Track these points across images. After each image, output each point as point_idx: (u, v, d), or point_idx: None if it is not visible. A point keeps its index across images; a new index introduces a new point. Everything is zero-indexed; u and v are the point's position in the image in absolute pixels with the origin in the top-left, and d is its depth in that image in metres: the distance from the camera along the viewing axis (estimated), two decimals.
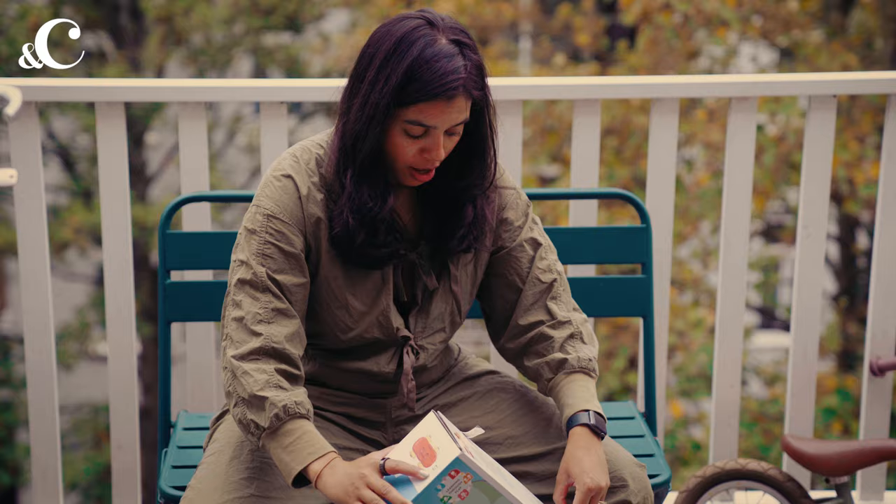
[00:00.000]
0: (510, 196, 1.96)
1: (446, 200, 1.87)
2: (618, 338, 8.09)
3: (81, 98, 2.57)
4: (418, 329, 1.93)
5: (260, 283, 1.80)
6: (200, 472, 1.84)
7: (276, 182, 1.83)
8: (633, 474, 1.87)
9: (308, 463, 1.71)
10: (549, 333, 1.93)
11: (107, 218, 2.54)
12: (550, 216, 7.69)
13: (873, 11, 8.17)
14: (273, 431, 1.74)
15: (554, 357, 1.91)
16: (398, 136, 1.77)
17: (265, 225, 1.81)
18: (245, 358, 1.77)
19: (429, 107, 1.74)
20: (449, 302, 1.93)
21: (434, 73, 1.73)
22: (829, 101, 2.58)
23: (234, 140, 11.12)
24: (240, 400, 1.76)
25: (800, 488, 2.43)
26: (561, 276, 1.98)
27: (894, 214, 2.63)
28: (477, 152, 1.85)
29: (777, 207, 9.02)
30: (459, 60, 1.74)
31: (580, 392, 1.87)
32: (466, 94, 1.76)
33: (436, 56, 1.73)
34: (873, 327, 2.66)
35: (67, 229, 9.67)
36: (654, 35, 8.26)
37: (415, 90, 1.73)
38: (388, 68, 1.74)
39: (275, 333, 1.78)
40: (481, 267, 1.96)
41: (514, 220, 1.95)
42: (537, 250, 1.96)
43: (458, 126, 1.79)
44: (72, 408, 10.50)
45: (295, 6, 10.51)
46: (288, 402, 1.74)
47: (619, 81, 2.72)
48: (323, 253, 1.84)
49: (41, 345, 2.56)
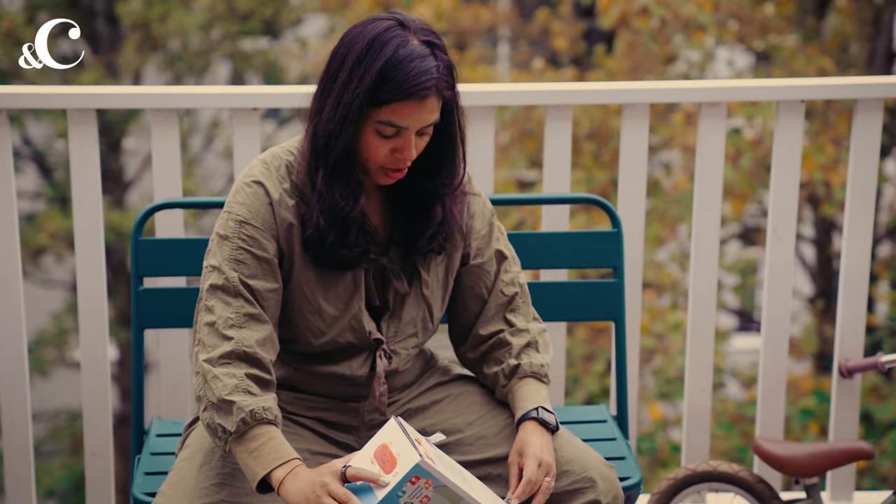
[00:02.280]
0: (477, 204, 1.99)
1: (415, 200, 1.89)
2: (597, 341, 8.11)
3: (53, 105, 2.57)
4: (390, 334, 1.94)
5: (232, 288, 1.80)
6: (171, 478, 1.84)
7: (248, 188, 1.84)
8: (603, 474, 1.89)
9: (271, 469, 1.72)
10: (507, 340, 1.98)
11: (79, 224, 2.54)
12: (529, 220, 7.71)
13: (848, 16, 8.24)
14: (239, 436, 1.75)
15: (509, 363, 1.96)
16: (370, 136, 1.79)
17: (237, 231, 1.82)
18: (215, 362, 1.78)
19: (401, 107, 1.76)
20: (421, 307, 1.95)
21: (407, 73, 1.74)
22: (797, 106, 2.61)
23: (211, 145, 11.09)
24: (209, 404, 1.77)
25: (770, 490, 2.45)
26: (522, 288, 2.03)
27: (862, 218, 2.66)
28: (447, 152, 1.87)
29: (754, 210, 9.07)
30: (432, 61, 1.76)
31: (529, 395, 1.92)
32: (438, 95, 1.78)
33: (409, 56, 1.75)
34: (842, 330, 2.69)
35: (44, 235, 9.62)
36: (631, 39, 8.30)
37: (388, 90, 1.74)
38: (362, 68, 1.75)
39: (246, 338, 1.79)
40: (452, 275, 1.98)
41: (479, 228, 1.99)
42: (502, 263, 2.01)
43: (428, 126, 1.81)
44: (48, 414, 10.44)
45: (272, 11, 10.50)
46: (255, 407, 1.75)
47: (591, 87, 2.74)
48: (296, 258, 1.85)
49: (13, 352, 2.56)
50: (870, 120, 2.63)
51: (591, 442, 2.23)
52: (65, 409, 10.40)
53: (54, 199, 10.13)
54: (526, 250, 2.33)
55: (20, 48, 8.87)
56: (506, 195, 2.42)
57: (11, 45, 9.28)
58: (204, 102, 2.65)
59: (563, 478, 1.88)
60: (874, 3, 7.79)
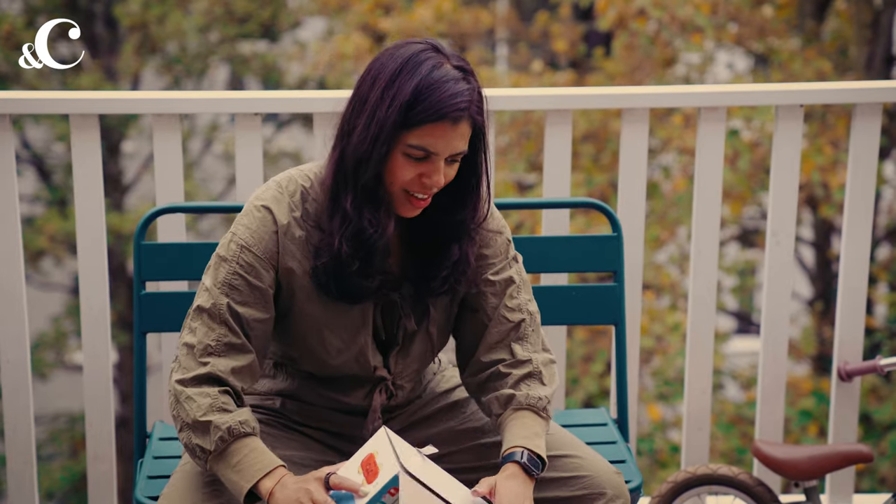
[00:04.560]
0: (491, 236, 1.92)
1: (433, 237, 1.84)
2: (596, 342, 8.13)
3: (55, 110, 2.58)
4: (398, 369, 1.92)
5: (217, 314, 1.78)
6: (172, 480, 1.85)
7: (256, 213, 1.80)
8: (612, 482, 1.88)
9: (257, 479, 1.71)
10: (505, 371, 1.88)
11: (82, 228, 2.54)
12: (528, 222, 7.72)
13: (847, 19, 8.25)
14: (219, 454, 1.74)
15: (503, 392, 1.86)
16: (399, 160, 1.74)
17: (237, 255, 1.79)
18: (188, 383, 1.76)
19: (434, 129, 1.72)
20: (427, 343, 1.93)
21: (443, 93, 1.71)
22: (796, 110, 2.62)
23: (210, 148, 11.10)
24: (184, 425, 1.76)
25: (770, 492, 2.46)
26: (531, 316, 1.93)
27: (861, 221, 2.68)
28: (471, 185, 1.82)
29: (753, 212, 9.08)
30: (465, 84, 1.74)
31: (520, 430, 1.81)
32: (470, 120, 1.75)
33: (444, 78, 1.72)
34: (841, 333, 2.70)
35: (43, 238, 9.63)
36: (629, 42, 8.31)
37: (422, 110, 1.71)
38: (395, 87, 1.72)
39: (221, 364, 1.77)
40: (456, 304, 1.94)
41: (490, 256, 1.91)
42: (508, 288, 1.91)
43: (458, 154, 1.76)
44: (49, 417, 10.44)
45: (270, 14, 10.51)
46: (232, 423, 1.74)
47: (591, 92, 2.76)
48: (296, 290, 1.82)
49: (16, 355, 2.56)
50: (868, 123, 2.64)
51: (591, 445, 2.23)
52: (64, 412, 10.41)
53: (53, 202, 10.13)
54: (526, 254, 2.34)
55: (20, 51, 8.87)
56: (507, 200, 2.43)
57: (11, 49, 9.29)
58: (206, 108, 2.66)
59: (572, 484, 1.87)
60: (873, 6, 7.80)
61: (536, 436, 1.81)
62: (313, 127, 2.55)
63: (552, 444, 1.92)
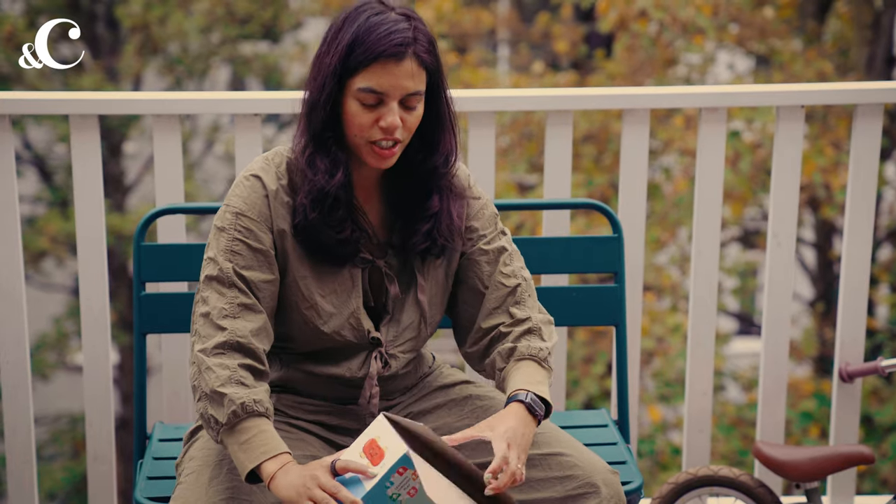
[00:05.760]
0: (477, 206, 1.98)
1: (412, 193, 1.89)
2: (596, 343, 8.12)
3: (55, 111, 2.58)
4: (389, 338, 1.94)
5: (226, 278, 1.82)
6: (179, 493, 1.84)
7: (245, 182, 1.87)
8: (606, 480, 1.88)
9: (261, 461, 1.74)
10: (506, 331, 1.93)
11: (82, 229, 2.54)
12: (529, 223, 7.72)
13: (848, 20, 8.25)
14: (230, 427, 1.76)
15: (505, 346, 1.91)
16: (353, 107, 1.80)
17: (233, 222, 1.84)
18: (209, 352, 1.80)
19: (377, 69, 1.77)
20: (417, 312, 1.95)
21: (379, 34, 1.77)
22: (797, 111, 2.62)
23: (212, 149, 11.10)
24: (203, 394, 1.79)
25: (771, 494, 2.46)
26: (527, 282, 1.99)
27: (862, 222, 2.67)
28: (437, 133, 1.87)
29: (754, 213, 9.08)
30: (405, 24, 1.79)
31: (524, 377, 1.85)
32: (416, 58, 1.79)
33: (383, 21, 1.78)
34: (842, 334, 2.70)
35: (45, 239, 9.63)
36: (630, 43, 8.31)
37: (362, 52, 1.77)
38: (337, 39, 1.79)
39: (240, 328, 1.81)
40: (451, 277, 1.97)
41: (480, 228, 1.97)
42: (501, 256, 1.97)
43: (412, 97, 1.80)
44: (50, 418, 10.45)
45: (271, 15, 10.51)
46: (246, 399, 1.76)
47: (592, 93, 2.75)
48: (289, 252, 1.87)
49: (16, 356, 2.56)
50: (870, 124, 2.64)
51: (591, 446, 2.23)
52: (66, 413, 10.41)
53: (54, 202, 10.14)
54: (527, 255, 2.33)
55: (21, 52, 8.88)
56: (507, 201, 2.43)
57: (12, 49, 9.29)
58: (205, 108, 2.66)
59: (566, 482, 1.88)
60: (874, 7, 7.80)
61: (539, 383, 1.85)
62: None
63: (547, 442, 1.92)
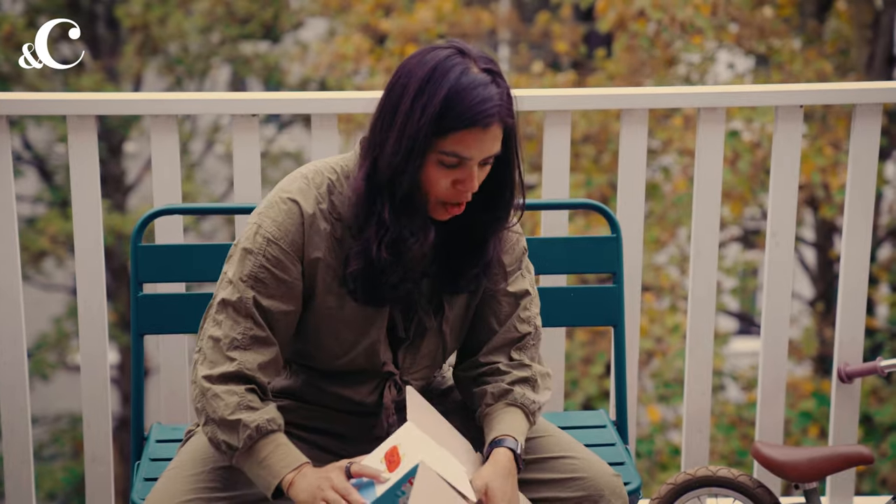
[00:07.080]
0: (511, 238, 1.93)
1: (467, 236, 1.84)
2: (595, 344, 8.12)
3: (53, 111, 2.57)
4: (406, 364, 1.92)
5: (243, 308, 1.78)
6: (159, 483, 1.86)
7: (282, 205, 1.80)
8: (610, 484, 1.88)
9: (284, 475, 1.74)
10: (505, 370, 1.91)
11: (79, 229, 2.54)
12: (528, 224, 7.72)
13: (848, 20, 8.25)
14: (247, 450, 1.76)
15: (500, 386, 1.88)
16: (432, 167, 1.74)
17: (263, 248, 1.78)
18: (215, 380, 1.78)
19: (466, 135, 1.72)
20: (439, 341, 1.92)
21: (472, 100, 1.71)
22: (795, 111, 2.62)
23: (212, 149, 11.10)
24: (210, 420, 1.78)
25: (770, 494, 2.45)
26: (537, 331, 1.95)
27: (861, 222, 2.67)
28: (505, 183, 1.82)
29: (753, 213, 9.08)
30: (494, 88, 1.73)
31: (513, 423, 1.84)
32: (501, 123, 1.75)
33: (472, 84, 1.71)
34: (841, 334, 2.69)
35: (45, 239, 9.64)
36: (630, 43, 8.31)
37: (453, 118, 1.70)
38: (425, 97, 1.71)
39: (248, 360, 1.78)
40: (472, 309, 1.94)
41: (508, 264, 1.92)
42: (522, 300, 1.93)
43: (491, 157, 1.76)
44: (50, 418, 10.45)
45: (272, 14, 10.51)
46: (260, 421, 1.76)
47: (590, 93, 2.75)
48: (318, 282, 1.82)
49: (13, 356, 2.56)
50: (869, 124, 2.64)
51: (590, 447, 2.23)
52: (66, 413, 10.42)
53: (55, 203, 10.14)
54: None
55: (20, 52, 8.88)
56: None
57: (12, 49, 9.29)
58: (203, 108, 2.65)
59: (569, 486, 1.87)
60: (874, 7, 7.79)
61: (523, 434, 1.85)
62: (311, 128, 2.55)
63: (550, 446, 1.92)
